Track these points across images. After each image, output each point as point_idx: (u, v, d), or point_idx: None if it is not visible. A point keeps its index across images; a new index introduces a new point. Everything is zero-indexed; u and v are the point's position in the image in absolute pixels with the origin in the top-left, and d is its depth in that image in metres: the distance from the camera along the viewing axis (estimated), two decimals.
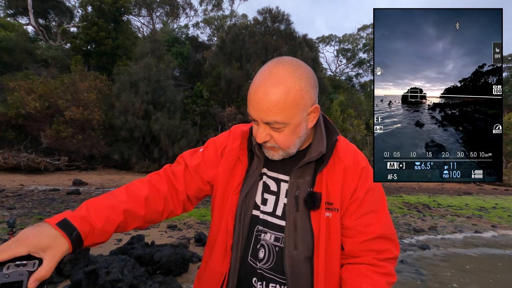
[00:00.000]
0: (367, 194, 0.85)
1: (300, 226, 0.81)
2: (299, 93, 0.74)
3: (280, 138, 0.78)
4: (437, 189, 15.33)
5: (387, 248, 0.85)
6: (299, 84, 0.74)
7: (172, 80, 16.91)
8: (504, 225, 7.22)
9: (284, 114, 0.74)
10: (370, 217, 0.85)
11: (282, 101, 0.72)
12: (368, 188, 0.86)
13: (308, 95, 0.76)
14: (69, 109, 13.14)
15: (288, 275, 0.82)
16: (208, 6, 31.82)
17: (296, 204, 0.82)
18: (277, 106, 0.73)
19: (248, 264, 0.87)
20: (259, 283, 0.86)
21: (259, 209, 0.87)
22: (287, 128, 0.77)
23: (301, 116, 0.77)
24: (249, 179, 0.87)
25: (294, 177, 0.84)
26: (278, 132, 0.77)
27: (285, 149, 0.81)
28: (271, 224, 0.86)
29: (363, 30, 37.08)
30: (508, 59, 31.79)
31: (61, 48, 18.85)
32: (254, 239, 0.87)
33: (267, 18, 17.66)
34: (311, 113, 0.79)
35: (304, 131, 0.80)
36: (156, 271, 3.22)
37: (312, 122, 0.81)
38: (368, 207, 0.85)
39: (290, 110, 0.74)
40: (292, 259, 0.82)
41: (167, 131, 14.48)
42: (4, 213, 5.74)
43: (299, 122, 0.77)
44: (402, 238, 5.72)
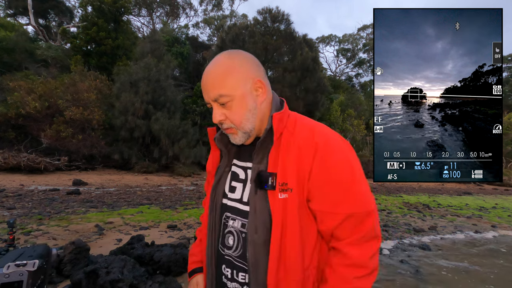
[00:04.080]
0: (327, 172, 0.77)
1: (259, 209, 0.80)
2: (236, 66, 0.80)
3: (232, 115, 0.82)
4: (437, 189, 15.34)
5: (359, 231, 0.77)
6: (235, 61, 0.81)
7: (172, 80, 16.91)
8: (504, 225, 7.22)
9: (225, 86, 0.79)
10: (335, 196, 0.77)
11: (220, 74, 0.80)
12: (329, 166, 0.77)
13: (245, 68, 0.81)
14: (69, 109, 13.14)
15: (250, 261, 0.80)
16: (208, 6, 31.84)
17: (255, 187, 0.83)
18: (216, 79, 0.80)
19: (219, 252, 0.90)
20: (228, 271, 0.87)
21: (227, 197, 0.91)
22: (234, 102, 0.81)
23: (243, 88, 0.81)
24: (218, 171, 0.94)
25: (255, 162, 0.84)
26: (228, 109, 0.82)
27: (239, 125, 0.83)
28: (239, 210, 0.87)
29: (363, 30, 37.09)
30: (508, 59, 31.78)
31: (61, 48, 18.86)
32: (222, 226, 0.91)
33: (267, 18, 17.66)
34: (257, 88, 0.83)
35: (253, 104, 0.83)
36: (156, 271, 3.22)
37: (260, 97, 0.84)
38: (331, 186, 0.77)
39: (229, 80, 0.79)
40: (254, 243, 0.80)
41: (167, 131, 14.48)
42: (4, 213, 5.74)
43: (244, 94, 0.81)
44: (402, 238, 5.73)
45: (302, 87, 17.56)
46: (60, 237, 4.43)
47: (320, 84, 18.02)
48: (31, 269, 0.60)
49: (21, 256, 0.86)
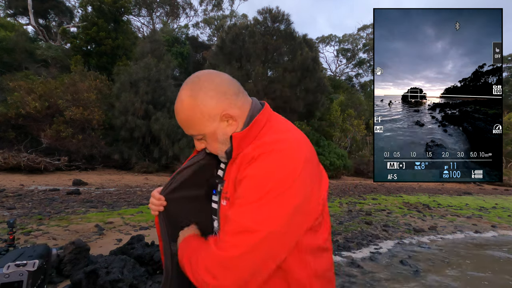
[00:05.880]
0: (244, 180, 0.75)
1: (219, 214, 0.87)
2: (198, 106, 0.80)
3: (209, 146, 0.88)
4: (437, 189, 15.35)
5: (232, 244, 0.72)
6: (197, 100, 0.81)
7: (172, 80, 16.93)
8: (504, 225, 7.22)
9: (193, 128, 0.84)
10: (238, 209, 0.74)
11: (185, 118, 0.83)
12: (248, 174, 0.74)
13: (209, 106, 0.81)
14: (69, 109, 13.15)
15: None
16: (208, 6, 31.87)
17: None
18: (184, 123, 0.85)
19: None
20: None
21: (212, 200, 0.96)
22: (207, 137, 0.85)
23: (211, 126, 0.83)
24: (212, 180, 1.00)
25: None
26: (204, 142, 0.87)
27: (216, 153, 0.89)
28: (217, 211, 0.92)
29: (363, 30, 37.12)
30: (508, 59, 31.80)
31: (61, 48, 18.88)
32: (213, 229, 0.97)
33: (267, 18, 17.66)
34: (226, 119, 0.83)
35: (224, 137, 0.84)
36: (156, 271, 3.22)
37: (230, 128, 0.83)
38: (241, 196, 0.75)
39: (195, 124, 0.83)
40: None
41: (167, 131, 14.49)
42: (4, 213, 5.74)
43: (213, 131, 0.83)
44: (402, 238, 5.73)
45: (302, 87, 17.57)
46: (60, 237, 4.43)
47: (320, 84, 18.03)
48: (31, 269, 0.60)
49: (21, 256, 0.86)
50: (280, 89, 16.40)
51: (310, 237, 0.80)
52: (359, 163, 20.75)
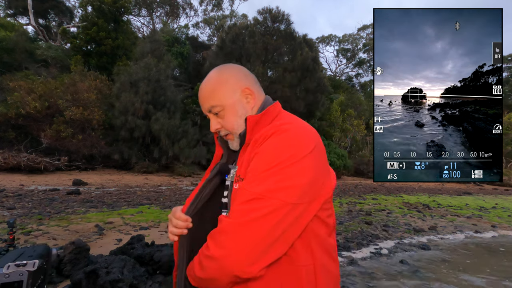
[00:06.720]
0: (256, 156, 0.75)
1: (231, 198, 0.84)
2: (224, 78, 0.89)
3: (225, 122, 0.90)
4: (437, 189, 15.35)
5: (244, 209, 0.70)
6: (223, 74, 0.91)
7: (172, 80, 16.92)
8: (504, 225, 7.23)
9: (215, 98, 0.88)
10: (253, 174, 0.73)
11: (210, 88, 0.90)
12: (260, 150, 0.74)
13: (233, 80, 0.89)
14: (69, 109, 13.15)
15: None
16: (208, 6, 31.86)
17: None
18: (207, 92, 0.90)
19: None
20: None
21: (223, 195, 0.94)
22: (225, 110, 0.88)
23: (233, 97, 0.89)
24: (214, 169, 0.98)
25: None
26: (222, 118, 0.90)
27: (233, 130, 0.90)
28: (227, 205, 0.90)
29: (363, 30, 37.11)
30: (508, 59, 31.79)
31: (61, 48, 18.88)
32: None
33: (267, 18, 17.67)
34: (246, 95, 0.90)
35: (243, 111, 0.89)
36: (156, 271, 3.22)
37: (251, 103, 0.90)
38: (253, 166, 0.74)
39: (218, 92, 0.88)
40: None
41: (167, 131, 14.48)
42: (4, 213, 5.74)
43: (233, 103, 0.88)
44: (402, 238, 5.73)
45: (302, 87, 17.57)
46: (60, 237, 4.44)
47: (320, 84, 18.04)
48: (31, 269, 0.60)
49: (21, 256, 0.86)
50: (280, 89, 16.40)
51: (319, 226, 0.78)
52: (359, 163, 20.75)
